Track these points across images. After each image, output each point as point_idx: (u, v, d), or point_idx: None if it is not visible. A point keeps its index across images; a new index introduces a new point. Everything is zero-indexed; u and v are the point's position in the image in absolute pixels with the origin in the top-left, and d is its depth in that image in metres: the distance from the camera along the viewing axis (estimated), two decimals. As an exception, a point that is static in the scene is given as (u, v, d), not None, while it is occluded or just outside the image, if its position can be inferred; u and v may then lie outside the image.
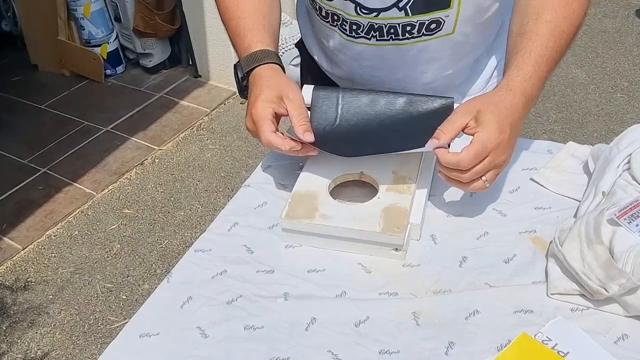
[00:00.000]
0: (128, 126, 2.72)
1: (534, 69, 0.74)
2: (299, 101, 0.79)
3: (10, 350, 1.75)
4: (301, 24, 1.08)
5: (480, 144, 0.69)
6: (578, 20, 0.78)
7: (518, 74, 0.74)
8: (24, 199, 2.33)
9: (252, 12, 0.87)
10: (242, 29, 0.86)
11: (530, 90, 0.73)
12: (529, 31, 0.76)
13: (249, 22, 0.86)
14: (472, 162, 0.69)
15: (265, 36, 0.85)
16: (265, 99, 0.78)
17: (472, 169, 0.70)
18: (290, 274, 0.74)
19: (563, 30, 0.76)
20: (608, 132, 2.46)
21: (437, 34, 0.87)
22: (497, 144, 0.70)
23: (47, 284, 1.97)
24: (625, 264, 0.62)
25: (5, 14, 3.26)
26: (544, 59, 0.74)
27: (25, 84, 3.10)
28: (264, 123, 0.76)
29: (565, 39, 0.76)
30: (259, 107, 0.77)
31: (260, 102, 0.77)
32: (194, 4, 2.73)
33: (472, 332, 0.64)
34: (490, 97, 0.73)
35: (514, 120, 0.72)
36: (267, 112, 0.77)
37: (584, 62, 2.92)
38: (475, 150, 0.69)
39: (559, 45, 0.76)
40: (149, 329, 0.69)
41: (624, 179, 0.74)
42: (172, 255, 2.04)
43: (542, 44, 0.74)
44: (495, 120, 0.70)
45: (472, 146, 0.69)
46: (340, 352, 0.64)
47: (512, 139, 0.72)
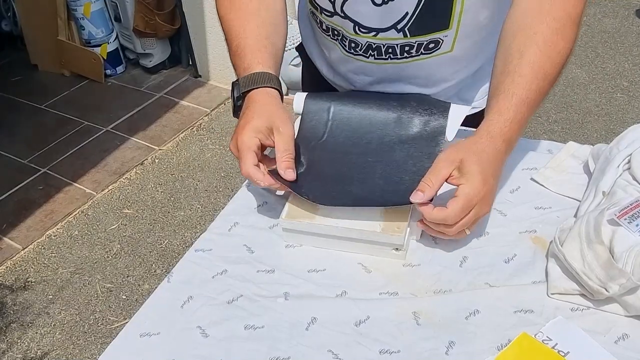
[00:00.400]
0: (128, 126, 2.72)
1: (515, 113, 0.72)
2: (288, 136, 0.77)
3: (10, 350, 1.75)
4: (302, 28, 1.07)
5: (466, 198, 0.68)
6: (563, 59, 0.76)
7: (499, 119, 0.72)
8: (24, 199, 2.33)
9: (254, 32, 0.84)
10: (242, 49, 0.83)
11: (510, 135, 0.72)
12: (512, 72, 0.74)
13: (250, 42, 0.83)
14: (458, 217, 0.68)
15: (266, 58, 0.83)
16: (253, 127, 0.75)
17: (458, 223, 0.69)
18: (291, 274, 0.74)
19: (547, 71, 0.74)
20: (608, 132, 2.46)
21: (436, 53, 0.88)
22: (482, 197, 0.69)
23: (47, 284, 1.97)
24: (626, 264, 0.62)
25: (5, 14, 3.26)
26: (526, 103, 0.73)
27: (25, 84, 3.10)
28: (247, 154, 0.74)
29: (549, 80, 0.75)
30: (246, 136, 0.75)
31: (248, 131, 0.75)
32: (194, 4, 2.73)
33: (473, 331, 0.64)
34: (472, 145, 0.72)
35: (495, 169, 0.71)
36: (253, 142, 0.75)
37: (584, 62, 2.93)
38: (462, 205, 0.67)
39: (542, 87, 0.74)
40: (149, 328, 0.69)
41: (624, 179, 0.74)
42: (172, 255, 2.04)
43: (525, 87, 0.73)
44: (478, 171, 0.68)
45: (458, 201, 0.68)
46: (341, 351, 0.64)
47: (495, 188, 0.72)
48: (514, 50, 0.75)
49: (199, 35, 2.84)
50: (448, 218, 0.68)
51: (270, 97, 0.80)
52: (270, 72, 0.82)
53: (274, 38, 0.86)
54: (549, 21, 0.74)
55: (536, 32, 0.74)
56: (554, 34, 0.74)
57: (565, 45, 0.75)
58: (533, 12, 0.76)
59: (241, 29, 0.84)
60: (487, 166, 0.70)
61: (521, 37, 0.75)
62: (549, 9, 0.75)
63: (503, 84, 0.74)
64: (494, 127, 0.72)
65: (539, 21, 0.75)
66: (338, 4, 0.85)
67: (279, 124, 0.77)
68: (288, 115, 0.79)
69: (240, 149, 0.75)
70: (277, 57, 0.86)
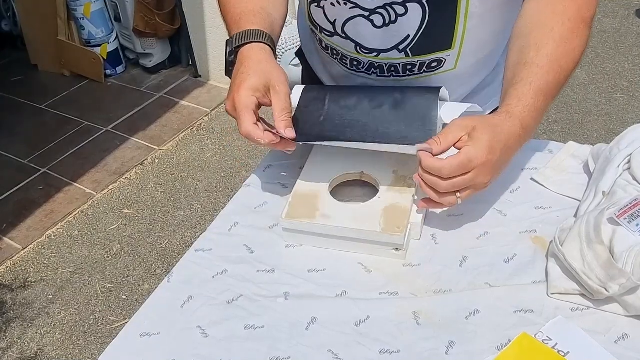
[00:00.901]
0: (128, 126, 2.72)
1: (534, 101, 0.72)
2: (285, 94, 0.76)
3: (10, 350, 1.75)
4: (302, 36, 1.06)
5: (466, 157, 0.67)
6: (578, 57, 0.76)
7: (518, 104, 0.72)
8: (24, 199, 2.33)
9: (249, 3, 0.83)
10: (237, 15, 0.82)
11: (528, 121, 0.72)
12: (530, 62, 0.74)
13: (245, 9, 0.82)
14: (453, 173, 0.67)
15: (260, 20, 0.81)
16: (250, 86, 0.74)
17: (451, 180, 0.68)
18: (291, 274, 0.74)
19: (562, 66, 0.74)
20: (608, 132, 2.46)
21: (439, 71, 0.88)
22: (483, 163, 0.68)
23: (47, 284, 1.97)
24: (626, 264, 0.62)
25: (5, 14, 3.26)
26: (543, 93, 0.73)
27: (25, 84, 3.10)
28: (245, 113, 0.73)
29: (564, 75, 0.75)
30: (243, 95, 0.73)
31: (244, 90, 0.74)
32: (194, 4, 2.73)
33: (473, 331, 0.64)
34: (489, 118, 0.72)
35: (506, 146, 0.70)
36: (251, 101, 0.73)
37: (584, 62, 2.92)
38: (460, 161, 0.67)
39: (558, 81, 0.74)
40: (149, 328, 0.69)
41: (624, 179, 0.74)
42: (172, 255, 2.04)
43: (542, 78, 0.73)
44: (487, 140, 0.68)
45: (457, 157, 0.67)
46: (341, 351, 0.64)
47: (500, 164, 0.70)
48: (531, 44, 0.75)
49: (199, 35, 2.84)
50: (443, 169, 0.67)
51: (264, 53, 0.78)
52: (264, 30, 0.80)
53: (271, 9, 0.85)
54: (564, 20, 0.75)
55: (552, 29, 0.75)
56: (569, 32, 0.75)
57: (579, 43, 0.76)
58: (547, 12, 0.76)
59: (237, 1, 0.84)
60: (498, 139, 0.69)
61: (538, 33, 0.76)
62: (563, 10, 0.76)
63: (521, 74, 0.74)
64: (514, 109, 0.72)
65: (554, 20, 0.75)
66: (339, 25, 0.85)
67: (275, 82, 0.75)
68: (283, 73, 0.77)
69: (238, 109, 0.73)
70: (272, 24, 0.84)
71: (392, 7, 0.80)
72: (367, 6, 0.81)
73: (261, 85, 0.75)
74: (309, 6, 0.87)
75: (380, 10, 0.81)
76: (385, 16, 0.81)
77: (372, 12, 0.81)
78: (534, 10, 0.78)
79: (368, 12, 0.82)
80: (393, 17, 0.81)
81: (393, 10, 0.80)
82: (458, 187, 0.69)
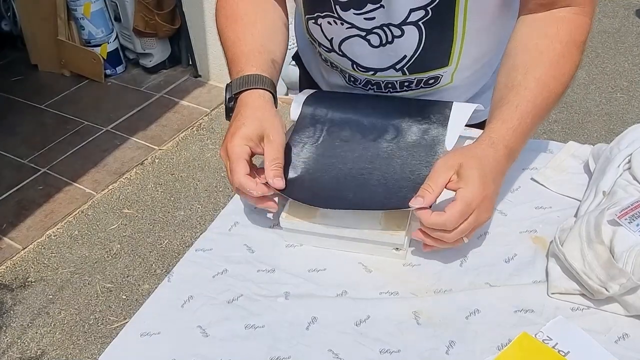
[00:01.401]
0: (128, 126, 2.72)
1: (519, 123, 0.71)
2: (278, 144, 0.74)
3: (10, 350, 1.75)
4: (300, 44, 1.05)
5: (465, 202, 0.65)
6: (567, 80, 0.75)
7: (502, 127, 0.71)
8: (24, 199, 2.33)
9: (249, 40, 0.82)
10: (237, 56, 0.81)
11: (512, 144, 0.71)
12: (518, 85, 0.73)
13: (245, 48, 0.81)
14: (458, 222, 0.65)
15: (261, 62, 0.80)
16: (244, 135, 0.72)
17: (457, 229, 0.66)
18: (291, 273, 0.74)
19: (551, 89, 0.73)
20: (608, 132, 2.46)
21: (436, 87, 0.88)
22: (481, 201, 0.66)
23: (47, 284, 1.97)
24: (626, 264, 0.62)
25: (5, 14, 3.26)
26: (530, 115, 0.71)
27: (25, 84, 3.10)
28: (238, 163, 0.71)
29: (553, 98, 0.74)
30: (236, 145, 0.72)
31: (238, 139, 0.72)
32: (194, 4, 2.73)
33: (473, 331, 0.64)
34: (473, 150, 0.70)
35: (497, 175, 0.69)
36: (243, 150, 0.72)
37: (584, 62, 2.92)
38: (460, 209, 0.65)
39: (546, 104, 0.73)
40: (149, 328, 0.69)
41: (625, 179, 0.74)
42: (172, 255, 2.04)
43: (530, 100, 0.71)
44: (478, 175, 0.66)
45: (457, 205, 0.65)
46: (341, 351, 0.64)
47: (495, 195, 0.69)
48: (519, 66, 0.74)
49: (199, 35, 2.84)
50: (447, 222, 0.65)
51: (262, 100, 0.77)
52: (264, 75, 0.79)
53: (271, 46, 0.84)
54: (555, 44, 0.74)
55: (542, 52, 0.74)
56: (559, 55, 0.74)
57: (570, 68, 0.75)
58: (539, 34, 0.75)
59: (237, 38, 0.83)
60: (487, 171, 0.68)
61: (527, 55, 0.75)
62: (555, 33, 0.74)
63: (507, 96, 0.73)
64: (496, 134, 0.71)
65: (545, 43, 0.74)
66: (335, 43, 0.85)
67: (269, 131, 0.74)
68: (280, 122, 0.76)
69: (231, 158, 0.72)
70: (273, 64, 0.83)
71: (389, 28, 0.80)
72: (364, 26, 0.81)
73: (255, 134, 0.73)
74: (307, 22, 0.87)
75: (376, 30, 0.81)
76: (382, 36, 0.81)
77: (369, 32, 0.81)
78: (525, 31, 0.77)
79: (365, 32, 0.81)
80: (390, 38, 0.81)
81: (390, 31, 0.80)
82: (465, 233, 0.67)
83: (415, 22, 0.78)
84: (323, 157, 0.81)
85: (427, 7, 0.76)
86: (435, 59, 0.83)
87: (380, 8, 0.78)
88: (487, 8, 0.79)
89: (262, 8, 0.87)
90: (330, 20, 0.82)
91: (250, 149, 0.73)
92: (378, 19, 0.79)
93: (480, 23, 0.80)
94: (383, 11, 0.78)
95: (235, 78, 0.79)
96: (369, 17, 0.79)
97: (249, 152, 0.73)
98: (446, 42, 0.81)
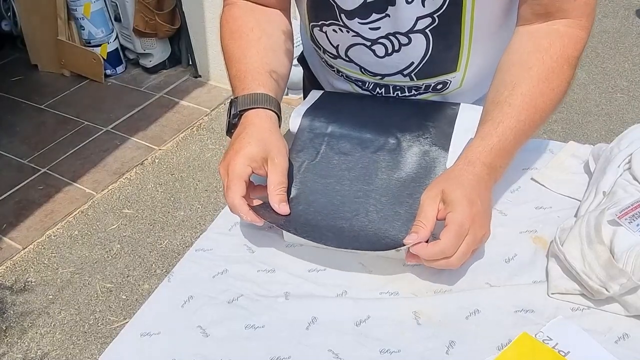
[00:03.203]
0: (128, 126, 2.72)
1: (498, 140, 0.70)
2: (283, 168, 0.73)
3: (10, 350, 1.75)
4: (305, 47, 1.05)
5: (456, 223, 0.64)
6: (557, 97, 0.74)
7: (480, 143, 0.70)
8: (24, 199, 2.33)
9: (255, 58, 0.81)
10: (242, 72, 0.80)
11: (491, 160, 0.70)
12: (503, 101, 0.72)
13: (251, 66, 0.80)
14: (456, 245, 0.64)
15: (267, 81, 0.79)
16: (248, 154, 0.71)
17: (458, 252, 0.64)
18: (291, 273, 0.74)
19: (538, 105, 0.72)
20: (608, 132, 2.46)
21: (445, 92, 0.88)
22: (473, 218, 0.65)
23: (47, 284, 1.97)
24: (626, 264, 0.62)
25: (5, 14, 3.26)
26: (513, 131, 0.70)
27: (25, 84, 3.10)
28: (236, 183, 0.70)
29: (540, 114, 0.73)
30: (238, 163, 0.71)
31: (241, 158, 0.71)
32: (194, 4, 2.73)
33: (473, 331, 0.64)
34: (450, 173, 0.70)
35: (480, 192, 0.67)
36: (245, 171, 0.71)
37: (584, 62, 2.93)
38: (454, 231, 0.64)
39: (532, 120, 0.72)
40: (149, 328, 0.69)
41: (625, 179, 0.74)
42: (172, 255, 2.04)
43: (513, 116, 0.71)
44: (461, 195, 0.65)
45: (450, 229, 0.64)
46: (341, 351, 0.64)
47: (486, 210, 0.68)
48: (507, 82, 0.73)
49: (199, 35, 2.84)
50: (445, 249, 0.64)
51: (269, 121, 0.76)
52: (271, 95, 0.78)
53: (275, 65, 0.83)
54: (545, 59, 0.73)
55: (531, 67, 0.73)
56: (549, 71, 0.73)
57: (559, 84, 0.73)
58: (530, 48, 0.74)
59: (242, 55, 0.82)
60: (470, 189, 0.67)
61: (515, 70, 0.74)
62: (547, 47, 0.73)
63: (492, 113, 0.72)
64: (473, 153, 0.70)
65: (536, 58, 0.73)
66: (342, 50, 0.85)
67: (274, 154, 0.73)
68: (284, 145, 0.76)
69: (230, 176, 0.71)
70: (278, 83, 0.82)
71: (395, 37, 0.79)
72: (369, 36, 0.80)
73: (259, 156, 0.72)
74: (312, 29, 0.86)
75: (382, 40, 0.80)
76: (387, 46, 0.81)
77: (374, 42, 0.81)
78: (518, 45, 0.76)
79: (370, 42, 0.81)
80: (397, 47, 0.80)
81: (396, 39, 0.79)
82: (468, 254, 0.66)
83: (422, 30, 0.78)
84: (319, 177, 0.78)
85: (433, 15, 0.76)
86: (443, 65, 0.83)
87: (385, 17, 0.77)
88: (493, 14, 0.79)
89: (267, 20, 0.86)
90: (335, 28, 0.82)
91: (252, 170, 0.72)
92: (383, 29, 0.79)
93: (487, 28, 0.80)
94: (389, 20, 0.77)
95: (241, 95, 0.78)
96: (374, 27, 0.79)
97: (250, 173, 0.72)
98: (454, 49, 0.81)
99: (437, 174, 0.76)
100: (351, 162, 0.79)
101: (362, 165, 0.79)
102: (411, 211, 0.71)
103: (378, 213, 0.73)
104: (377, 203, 0.74)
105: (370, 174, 0.78)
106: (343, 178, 0.78)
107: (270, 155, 0.73)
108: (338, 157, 0.80)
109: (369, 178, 0.77)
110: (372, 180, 0.77)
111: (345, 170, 0.79)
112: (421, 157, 0.79)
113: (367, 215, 0.73)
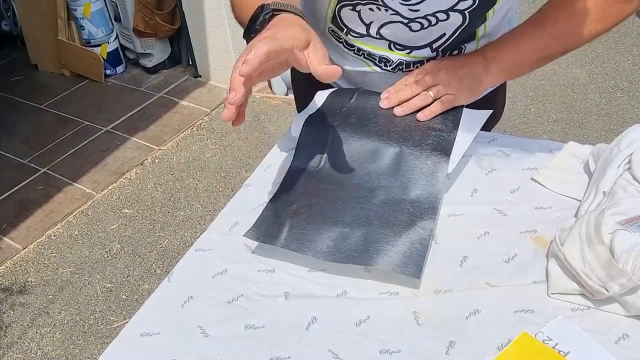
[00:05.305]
0: (128, 126, 2.72)
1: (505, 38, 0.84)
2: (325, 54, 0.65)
3: (10, 350, 1.75)
4: None
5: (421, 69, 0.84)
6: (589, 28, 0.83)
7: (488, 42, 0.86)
8: (24, 199, 2.33)
9: None
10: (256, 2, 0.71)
11: (492, 53, 0.82)
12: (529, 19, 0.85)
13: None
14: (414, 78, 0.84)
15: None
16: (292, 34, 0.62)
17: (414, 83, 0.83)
18: (291, 273, 0.74)
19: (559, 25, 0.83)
20: (608, 132, 2.46)
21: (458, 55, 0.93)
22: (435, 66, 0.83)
23: (47, 284, 1.97)
24: (626, 264, 0.62)
25: (5, 14, 3.26)
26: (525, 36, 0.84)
27: (25, 84, 3.10)
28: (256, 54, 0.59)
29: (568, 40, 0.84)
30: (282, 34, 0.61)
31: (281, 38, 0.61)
32: (194, 4, 2.73)
33: (473, 331, 0.64)
34: None
35: (463, 64, 0.84)
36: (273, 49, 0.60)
37: (584, 62, 2.93)
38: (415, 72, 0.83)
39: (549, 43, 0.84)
40: (149, 328, 0.69)
41: (625, 179, 0.74)
42: (172, 255, 2.04)
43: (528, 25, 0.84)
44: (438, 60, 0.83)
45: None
46: (341, 351, 0.64)
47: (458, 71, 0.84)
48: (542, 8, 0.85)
49: (199, 35, 2.84)
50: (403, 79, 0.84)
51: (306, 20, 0.68)
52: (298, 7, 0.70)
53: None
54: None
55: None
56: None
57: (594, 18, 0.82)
58: None
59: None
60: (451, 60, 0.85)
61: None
62: None
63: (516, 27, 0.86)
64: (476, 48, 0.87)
65: None
66: (373, 28, 0.86)
67: (316, 41, 0.65)
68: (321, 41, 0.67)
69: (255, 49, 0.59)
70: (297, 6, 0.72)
71: (435, 16, 0.82)
72: (408, 15, 0.82)
73: (303, 39, 0.63)
74: (339, 9, 0.85)
75: (419, 19, 0.82)
76: (424, 23, 0.83)
77: (411, 21, 0.83)
78: None
79: (407, 20, 0.83)
80: (433, 22, 0.83)
81: (435, 18, 0.82)
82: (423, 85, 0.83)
83: (462, 11, 0.80)
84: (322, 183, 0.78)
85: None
86: (465, 38, 0.87)
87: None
88: None
89: None
90: (372, 7, 0.83)
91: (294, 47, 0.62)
92: (422, 11, 0.81)
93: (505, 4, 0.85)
94: (429, 2, 0.79)
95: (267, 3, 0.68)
96: (414, 9, 0.80)
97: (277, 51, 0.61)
98: (478, 24, 0.86)
99: (438, 180, 0.77)
100: (353, 168, 0.80)
101: (364, 172, 0.79)
102: (412, 217, 0.72)
103: (379, 219, 0.73)
104: (378, 209, 0.74)
105: (372, 180, 0.78)
106: (345, 184, 0.78)
107: (314, 41, 0.65)
108: (340, 164, 0.80)
109: (371, 184, 0.78)
110: (374, 186, 0.77)
111: (347, 176, 0.79)
112: (423, 163, 0.79)
113: (368, 221, 0.73)
